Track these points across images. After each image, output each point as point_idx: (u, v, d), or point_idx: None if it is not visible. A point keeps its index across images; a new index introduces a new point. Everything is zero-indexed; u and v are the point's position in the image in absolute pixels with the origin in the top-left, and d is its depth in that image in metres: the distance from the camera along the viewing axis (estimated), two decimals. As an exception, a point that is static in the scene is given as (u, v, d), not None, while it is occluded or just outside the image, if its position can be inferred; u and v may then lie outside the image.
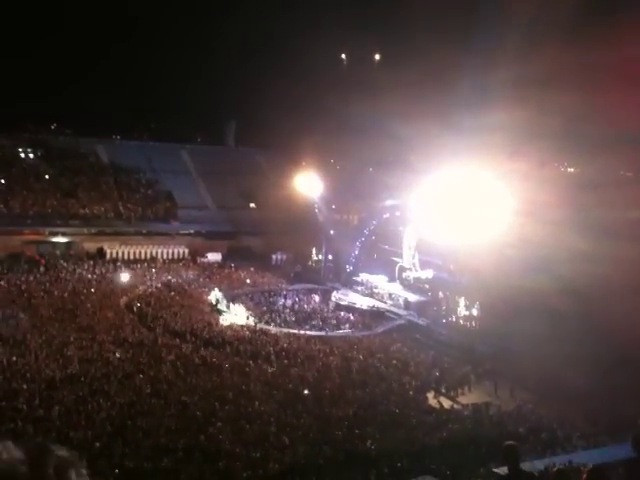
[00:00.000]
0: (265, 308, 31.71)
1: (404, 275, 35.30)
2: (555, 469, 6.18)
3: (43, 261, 34.96)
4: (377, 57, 47.80)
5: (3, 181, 40.70)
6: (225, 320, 29.27)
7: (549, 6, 32.89)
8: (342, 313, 32.28)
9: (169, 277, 35.19)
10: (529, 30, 32.38)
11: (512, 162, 30.49)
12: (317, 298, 34.71)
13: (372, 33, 44.36)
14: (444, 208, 29.86)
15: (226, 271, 38.57)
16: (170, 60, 51.93)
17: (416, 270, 34.72)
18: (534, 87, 31.58)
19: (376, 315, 32.17)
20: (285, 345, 25.33)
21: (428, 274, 33.92)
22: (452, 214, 29.31)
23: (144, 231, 41.28)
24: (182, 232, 42.46)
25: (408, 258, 35.19)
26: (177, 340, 24.70)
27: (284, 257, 42.33)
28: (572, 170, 39.72)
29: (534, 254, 25.28)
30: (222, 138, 56.05)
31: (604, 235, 23.75)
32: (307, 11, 43.03)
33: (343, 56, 48.39)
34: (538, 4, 33.31)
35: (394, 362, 24.34)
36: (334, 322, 30.61)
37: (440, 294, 32.59)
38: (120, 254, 38.88)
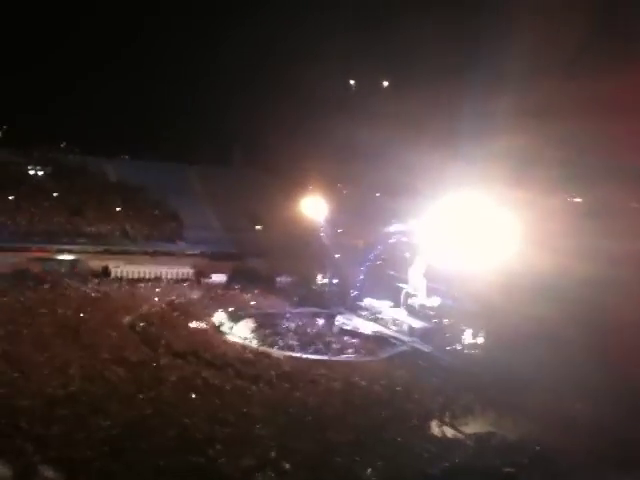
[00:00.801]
0: (268, 331, 31.56)
1: (410, 301, 35.13)
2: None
3: (48, 278, 34.98)
4: (385, 84, 48.16)
5: (11, 198, 40.96)
6: (228, 341, 29.15)
7: (556, 35, 33.13)
8: (346, 338, 32.08)
9: (173, 297, 35.16)
10: (536, 59, 32.58)
11: (519, 190, 30.51)
12: (321, 322, 34.54)
13: (380, 59, 44.74)
14: (451, 234, 29.83)
15: (230, 292, 38.51)
16: (178, 81, 52.46)
17: (422, 297, 34.57)
18: (541, 116, 31.70)
19: (380, 341, 31.98)
20: (287, 369, 25.15)
21: (435, 301, 33.76)
22: (458, 241, 29.27)
23: (150, 250, 41.37)
24: (187, 252, 42.54)
25: (414, 284, 35.06)
26: (179, 361, 24.56)
27: (288, 280, 42.27)
28: (579, 200, 39.71)
29: (540, 282, 25.19)
30: (229, 160, 56.42)
31: (611, 264, 23.68)
32: (316, 35, 43.43)
33: (352, 82, 48.77)
34: (545, 33, 33.55)
35: (397, 389, 24.11)
36: (337, 347, 30.40)
37: (445, 321, 32.43)
38: (125, 273, 38.91)
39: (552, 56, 32.23)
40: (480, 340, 29.89)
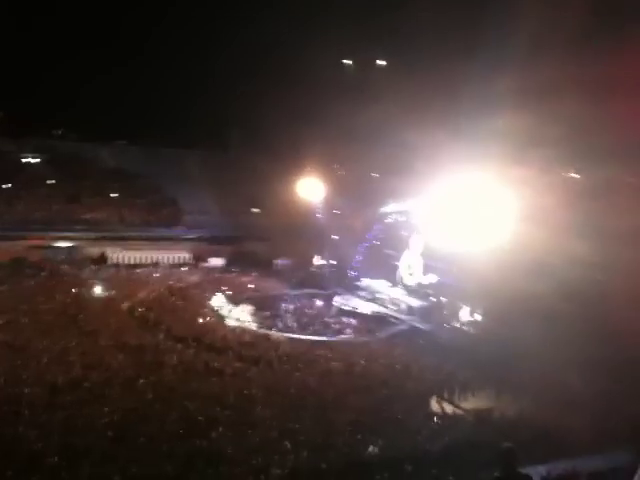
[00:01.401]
0: (267, 313, 31.68)
1: (408, 280, 35.24)
2: (549, 476, 6.16)
3: (46, 266, 35.00)
4: (381, 63, 47.83)
5: (7, 186, 40.87)
6: (227, 325, 29.27)
7: (555, 14, 32.88)
8: (344, 318, 32.21)
9: (172, 282, 35.23)
10: (535, 37, 32.36)
11: (517, 168, 30.45)
12: (319, 303, 34.66)
13: (376, 39, 44.36)
14: (448, 213, 29.85)
15: (229, 276, 38.59)
16: (175, 66, 52.03)
17: (420, 275, 34.66)
18: (539, 94, 31.51)
19: (379, 320, 32.12)
20: (287, 350, 25.27)
21: (432, 279, 33.86)
22: (456, 219, 29.30)
23: (147, 236, 41.37)
24: (185, 237, 42.55)
25: (412, 263, 35.16)
26: (179, 345, 24.68)
27: (287, 262, 42.33)
28: (576, 177, 39.66)
29: (537, 259, 25.23)
30: (226, 144, 56.22)
31: (607, 241, 23.69)
32: (311, 17, 43.06)
33: (347, 62, 48.43)
34: (544, 12, 33.30)
35: (397, 367, 24.26)
36: (336, 327, 30.55)
37: (443, 299, 32.55)
38: (123, 259, 38.94)
39: (553, 33, 32.00)
40: (478, 317, 30.01)
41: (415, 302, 33.32)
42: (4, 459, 14.22)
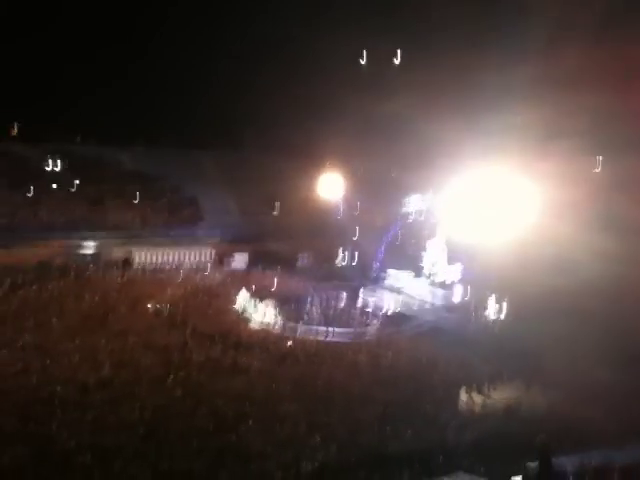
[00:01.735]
0: (292, 309, 31.72)
1: (433, 275, 35.15)
2: (581, 467, 6.13)
3: (72, 268, 35.34)
4: (400, 56, 47.65)
5: (30, 193, 41.34)
6: (253, 321, 29.40)
7: (573, 5, 32.57)
8: (369, 313, 32.20)
9: (196, 281, 35.39)
10: (555, 26, 32.07)
11: (539, 161, 30.23)
12: (344, 298, 34.62)
13: (392, 32, 44.17)
14: (471, 207, 29.78)
15: (252, 275, 38.65)
16: (190, 67, 52.23)
17: (444, 270, 34.55)
18: (563, 85, 31.25)
19: (404, 315, 32.07)
20: (313, 345, 25.39)
21: (456, 272, 33.77)
22: (479, 213, 29.21)
23: (170, 237, 41.62)
24: (207, 237, 42.73)
25: (437, 258, 35.05)
26: (206, 343, 24.83)
27: (309, 260, 42.32)
28: (600, 169, 39.25)
29: (560, 253, 25.09)
30: (244, 143, 56.33)
31: (630, 234, 23.49)
32: (327, 10, 43.01)
33: (364, 56, 48.31)
34: (562, 3, 33.00)
35: (423, 360, 24.24)
36: (362, 321, 30.56)
37: (469, 292, 32.43)
38: (147, 260, 39.21)
39: (574, 23, 31.70)
40: (503, 312, 29.85)
41: (440, 295, 33.31)
42: (38, 458, 14.47)
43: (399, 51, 46.44)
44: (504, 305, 29.81)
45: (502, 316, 29.78)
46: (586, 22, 30.80)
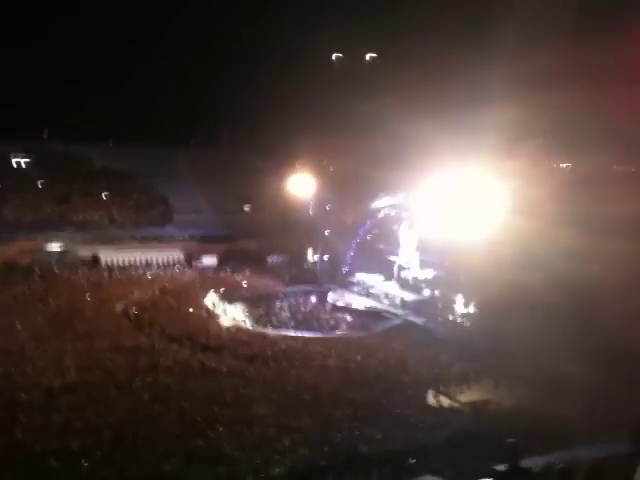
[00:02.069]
0: (262, 310, 31.66)
1: (402, 274, 35.30)
2: (549, 467, 6.17)
3: (38, 269, 34.77)
4: (370, 55, 47.80)
5: (-4, 189, 40.59)
6: (222, 324, 29.22)
7: (544, 8, 33.01)
8: (339, 314, 32.26)
9: (165, 282, 35.11)
10: (525, 29, 32.47)
11: (506, 160, 30.56)
12: (314, 299, 34.66)
13: (365, 31, 44.28)
14: (441, 207, 29.96)
15: (222, 274, 38.49)
16: (162, 63, 51.73)
17: (415, 269, 34.74)
18: (530, 85, 31.66)
19: (373, 315, 32.19)
20: (283, 347, 25.29)
21: (426, 274, 33.97)
22: (449, 212, 29.41)
23: (138, 236, 41.17)
24: (177, 237, 42.38)
25: (406, 257, 35.21)
26: (174, 345, 24.61)
27: (280, 259, 42.28)
28: (565, 166, 39.87)
29: (528, 251, 25.38)
30: (216, 141, 56.04)
31: (596, 231, 23.86)
32: (298, 10, 42.95)
33: (335, 55, 48.36)
34: (534, 6, 33.41)
35: (392, 362, 24.31)
36: (331, 323, 30.58)
37: (437, 292, 32.65)
38: (115, 260, 38.75)
39: (542, 26, 32.14)
40: (472, 310, 30.12)
41: (409, 296, 33.46)
42: (3, 463, 14.18)
43: (372, 51, 46.71)
44: (473, 303, 30.12)
45: (473, 315, 30.07)
46: (555, 25, 31.23)
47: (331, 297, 34.28)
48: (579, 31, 30.56)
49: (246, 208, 46.97)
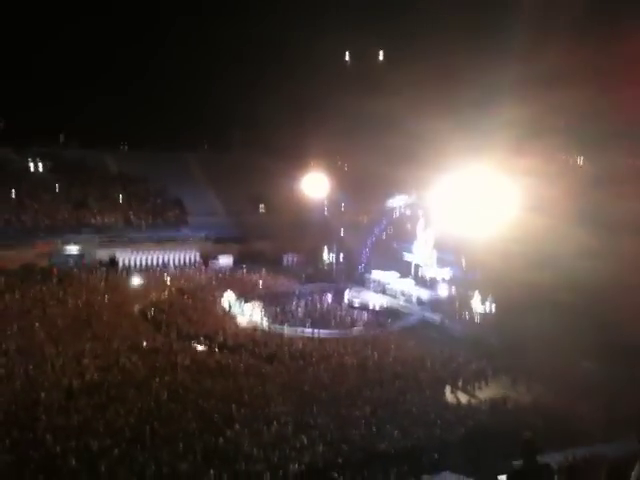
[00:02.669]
0: (278, 310, 31.72)
1: (418, 272, 35.26)
2: (568, 463, 6.12)
3: (56, 272, 35.09)
4: (382, 55, 47.71)
5: (14, 195, 40.96)
6: (239, 323, 29.34)
7: (557, 4, 32.79)
8: (356, 312, 32.28)
9: (181, 283, 35.29)
10: (536, 27, 32.28)
11: (520, 158, 30.42)
12: (330, 298, 34.66)
13: (376, 30, 44.19)
14: (456, 205, 29.93)
15: (238, 275, 38.63)
16: (174, 67, 52.01)
17: (431, 267, 34.67)
18: (543, 83, 31.46)
19: (390, 313, 32.16)
20: (300, 346, 25.35)
21: (444, 272, 33.88)
22: (463, 210, 29.35)
23: (155, 238, 41.45)
24: (192, 238, 42.61)
25: (422, 255, 35.15)
26: (192, 345, 24.75)
27: (295, 259, 42.36)
28: (580, 163, 39.57)
29: (542, 249, 25.27)
30: (228, 143, 56.25)
31: (610, 228, 23.70)
32: (309, 10, 42.96)
33: (347, 55, 48.33)
34: (546, 2, 33.22)
35: (409, 359, 24.29)
36: (348, 321, 30.59)
37: (453, 290, 32.57)
38: (132, 262, 39.04)
39: (554, 24, 31.93)
40: (488, 308, 30.02)
41: (425, 294, 33.42)
42: (24, 463, 14.33)
43: (384, 51, 46.63)
44: (489, 301, 30.02)
45: (490, 313, 29.97)
46: (567, 21, 31.04)
47: (347, 295, 34.26)
48: (591, 28, 30.37)
49: (261, 209, 47.06)
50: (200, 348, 24.63)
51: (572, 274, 23.62)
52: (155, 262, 39.78)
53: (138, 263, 39.23)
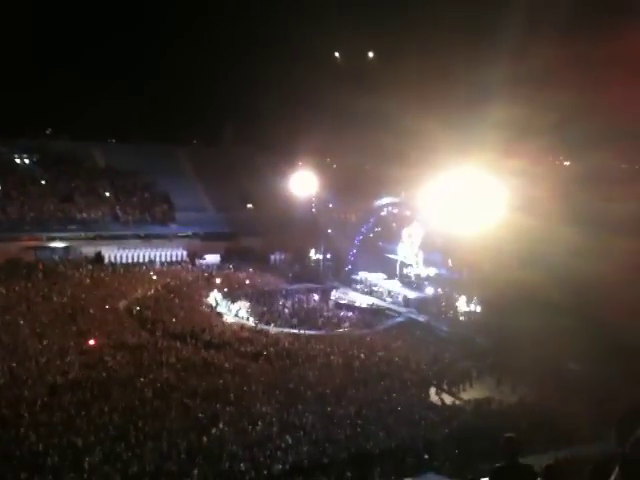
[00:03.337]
0: (265, 308, 31.70)
1: (404, 272, 35.34)
2: (550, 464, 6.11)
3: (41, 266, 34.84)
4: (372, 54, 47.71)
5: (0, 187, 40.64)
6: (225, 321, 29.27)
7: (543, 5, 32.94)
8: (342, 312, 32.31)
9: (168, 280, 35.14)
10: (524, 28, 32.40)
11: (508, 158, 30.55)
12: (316, 297, 34.69)
13: (368, 29, 44.18)
14: (443, 204, 29.99)
15: (225, 272, 38.53)
16: (164, 61, 51.71)
17: (417, 267, 34.77)
18: (531, 84, 31.59)
19: (376, 313, 32.22)
20: (286, 345, 25.34)
21: (429, 271, 34.00)
22: (449, 210, 29.44)
23: (142, 234, 41.23)
24: (180, 234, 42.43)
25: (408, 255, 35.23)
26: (177, 342, 24.66)
27: (282, 257, 42.32)
28: (567, 164, 39.79)
29: (529, 248, 25.40)
30: (218, 139, 56.07)
31: (597, 228, 23.83)
32: (301, 9, 42.86)
33: (337, 54, 48.29)
34: (535, 3, 33.34)
35: (395, 359, 24.36)
36: (334, 321, 30.62)
37: (439, 290, 32.68)
38: (118, 258, 38.83)
39: (542, 24, 32.06)
40: (474, 308, 30.15)
41: (412, 294, 33.51)
42: (6, 460, 14.23)
43: (375, 50, 46.64)
44: (475, 301, 30.15)
45: (473, 312, 30.10)
46: (555, 22, 31.17)
47: (334, 294, 34.30)
48: (579, 30, 30.49)
49: (249, 206, 46.95)
50: (186, 346, 24.48)
51: (559, 273, 23.74)
52: (141, 258, 39.58)
53: (124, 259, 39.02)
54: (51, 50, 49.12)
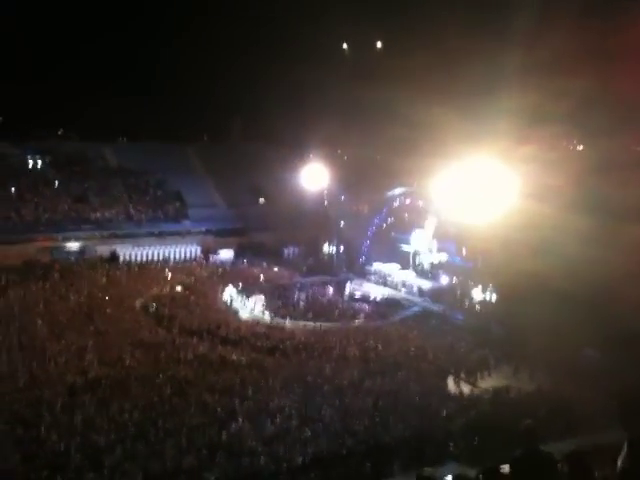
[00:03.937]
0: (280, 302, 31.73)
1: (419, 262, 35.27)
2: (570, 452, 6.04)
3: (58, 267, 35.09)
4: (381, 43, 47.45)
5: (13, 190, 40.94)
6: (241, 316, 29.37)
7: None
8: (357, 303, 32.30)
9: (182, 277, 35.28)
10: (538, 14, 32.07)
11: (521, 146, 30.33)
12: (331, 290, 34.68)
13: (376, 19, 43.98)
14: (456, 193, 29.89)
15: (239, 267, 38.65)
16: (172, 59, 51.81)
17: (431, 257, 34.70)
18: (544, 70, 31.32)
19: (391, 304, 32.18)
20: (302, 338, 25.38)
21: (442, 257, 33.95)
22: (464, 199, 29.32)
23: (155, 232, 41.44)
24: (193, 231, 42.60)
25: (422, 245, 35.14)
26: (194, 339, 24.79)
27: (296, 251, 42.35)
28: (581, 148, 39.42)
29: (543, 236, 25.22)
30: (228, 135, 56.15)
31: (611, 216, 23.63)
32: (309, 0, 42.76)
33: (345, 45, 48.05)
34: None
35: (412, 350, 24.32)
36: (350, 313, 30.60)
37: (454, 279, 32.59)
38: (133, 256, 39.03)
39: (556, 10, 31.72)
40: (489, 297, 30.03)
41: (427, 284, 33.45)
42: (28, 460, 14.39)
43: (384, 40, 46.38)
44: (490, 290, 30.02)
45: (489, 301, 29.98)
46: (569, 8, 30.85)
47: (349, 287, 34.28)
48: (592, 14, 30.15)
49: (261, 200, 47.01)
50: (202, 342, 24.59)
51: (574, 262, 23.55)
52: (156, 256, 39.76)
53: (139, 257, 39.22)
54: (61, 51, 49.38)
